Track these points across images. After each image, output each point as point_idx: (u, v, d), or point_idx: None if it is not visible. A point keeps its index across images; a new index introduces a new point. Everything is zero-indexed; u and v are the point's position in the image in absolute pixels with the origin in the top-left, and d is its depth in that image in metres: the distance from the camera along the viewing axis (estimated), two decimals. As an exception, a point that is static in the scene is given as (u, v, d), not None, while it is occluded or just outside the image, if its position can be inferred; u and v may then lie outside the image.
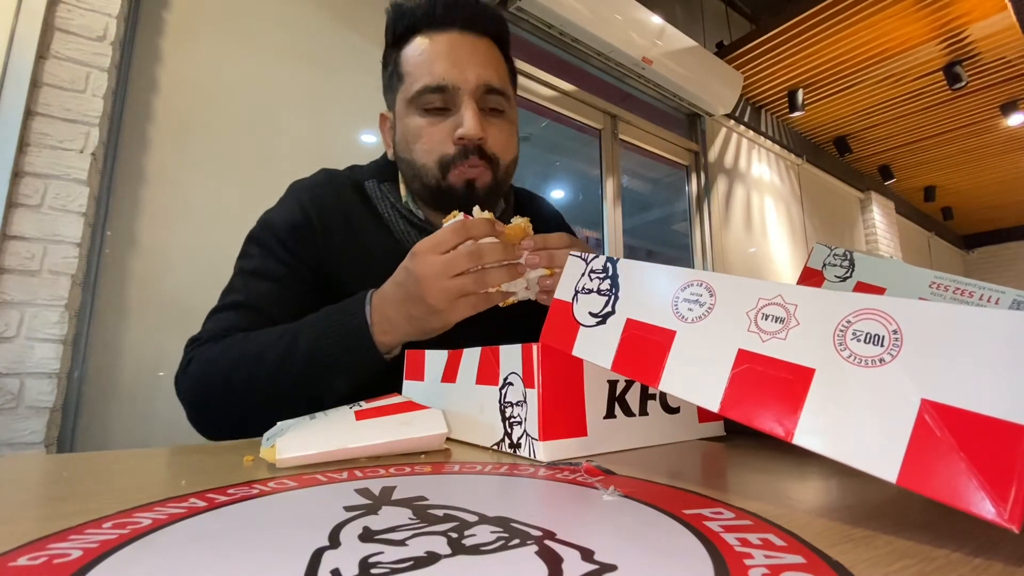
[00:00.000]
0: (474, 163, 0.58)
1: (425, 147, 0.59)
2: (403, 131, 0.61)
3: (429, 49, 0.58)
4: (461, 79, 0.57)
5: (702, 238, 2.99)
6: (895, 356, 0.22)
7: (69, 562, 0.18)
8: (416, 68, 0.59)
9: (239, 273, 0.62)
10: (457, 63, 0.57)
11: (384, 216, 0.66)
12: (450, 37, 0.59)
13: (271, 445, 0.34)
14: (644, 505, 0.25)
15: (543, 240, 0.50)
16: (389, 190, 0.67)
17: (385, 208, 0.66)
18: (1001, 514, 0.18)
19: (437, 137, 0.58)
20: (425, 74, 0.58)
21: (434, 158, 0.59)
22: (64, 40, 1.15)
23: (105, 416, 1.17)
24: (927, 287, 0.54)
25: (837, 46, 2.83)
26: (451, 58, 0.57)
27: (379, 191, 0.67)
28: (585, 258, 0.39)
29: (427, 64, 0.58)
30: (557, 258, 0.49)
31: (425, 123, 0.59)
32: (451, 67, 0.57)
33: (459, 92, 0.58)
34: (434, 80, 0.57)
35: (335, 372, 0.51)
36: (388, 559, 0.18)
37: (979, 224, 6.00)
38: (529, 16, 2.19)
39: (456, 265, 0.46)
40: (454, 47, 0.58)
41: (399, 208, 0.66)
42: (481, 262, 0.47)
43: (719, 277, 0.30)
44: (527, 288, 0.51)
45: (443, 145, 0.58)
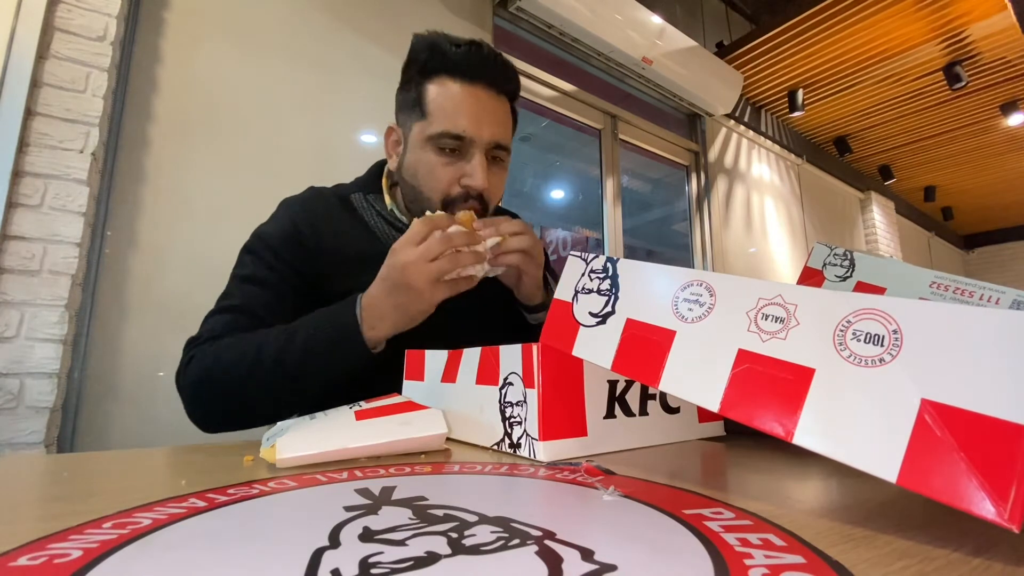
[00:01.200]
0: (472, 206, 0.66)
1: (432, 184, 0.66)
2: (415, 160, 0.67)
3: (455, 98, 0.65)
4: (478, 134, 0.64)
5: (702, 238, 2.99)
6: (895, 356, 0.22)
7: (69, 562, 0.18)
8: (440, 111, 0.65)
9: (234, 279, 0.67)
10: (477, 119, 0.64)
11: (370, 223, 0.72)
12: (475, 92, 0.65)
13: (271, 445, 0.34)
14: (644, 505, 0.25)
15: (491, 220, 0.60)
16: (374, 200, 0.74)
17: (371, 216, 0.73)
18: (1001, 514, 0.18)
19: (446, 178, 0.66)
20: (447, 121, 0.64)
21: (438, 196, 0.66)
22: (64, 40, 1.15)
23: (105, 416, 1.17)
24: (927, 287, 0.54)
25: (837, 46, 2.83)
26: (473, 113, 0.64)
27: (365, 202, 0.74)
28: (585, 258, 0.39)
29: (451, 112, 0.64)
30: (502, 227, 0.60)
31: (438, 162, 0.65)
32: (471, 122, 0.64)
33: (473, 144, 0.65)
34: (455, 129, 0.64)
35: (327, 365, 0.57)
36: (388, 559, 0.18)
37: (979, 224, 6.00)
38: (529, 16, 2.19)
39: (432, 250, 0.54)
40: (477, 103, 0.65)
41: (384, 215, 0.73)
42: (451, 246, 0.55)
43: (719, 277, 0.30)
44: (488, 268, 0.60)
45: (450, 186, 0.66)
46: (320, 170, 1.55)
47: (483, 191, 0.66)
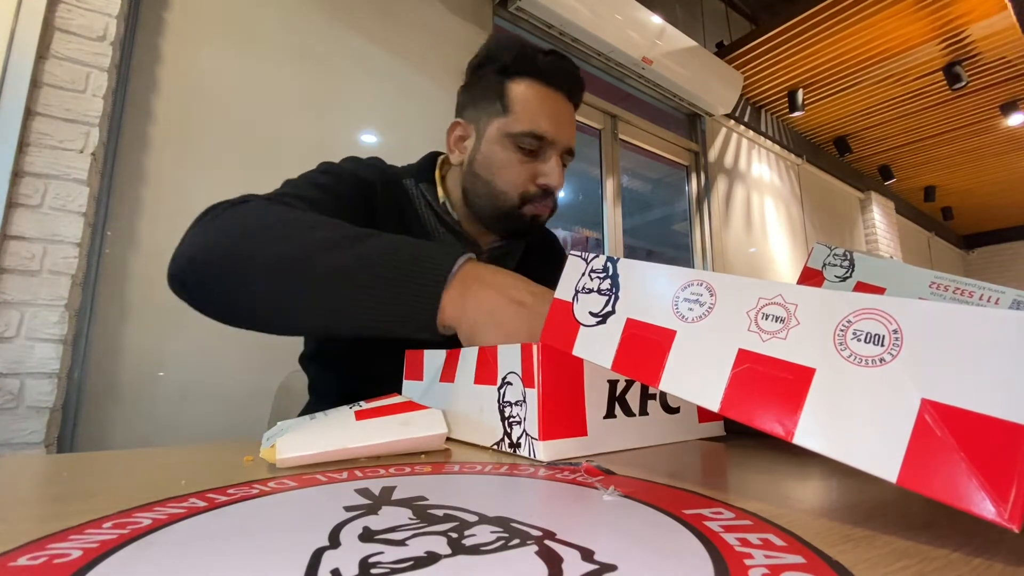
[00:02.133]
0: (545, 204, 0.71)
1: (511, 179, 0.69)
2: (490, 154, 0.70)
3: (540, 100, 0.68)
4: (558, 138, 0.69)
5: (702, 238, 2.99)
6: (895, 356, 0.22)
7: (69, 562, 0.18)
8: (525, 111, 0.68)
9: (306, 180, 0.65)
10: (559, 123, 0.69)
11: (419, 212, 0.74)
12: (558, 99, 0.70)
13: (271, 445, 0.34)
14: (644, 505, 0.25)
15: None
16: (426, 189, 0.74)
17: (420, 205, 0.74)
18: (1001, 514, 0.18)
19: (525, 175, 0.69)
20: (532, 121, 0.67)
21: (517, 191, 0.69)
22: (64, 40, 1.15)
23: (105, 416, 1.17)
24: (927, 287, 0.54)
25: (837, 46, 2.83)
26: (556, 118, 0.69)
27: (416, 189, 0.74)
28: (585, 258, 0.39)
29: (536, 114, 0.68)
30: None
31: (517, 159, 0.68)
32: (554, 125, 0.68)
33: (552, 147, 0.69)
34: (539, 130, 0.67)
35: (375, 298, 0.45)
36: (388, 559, 0.18)
37: (979, 224, 6.00)
38: (529, 16, 2.19)
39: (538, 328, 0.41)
40: (559, 108, 0.70)
41: (434, 207, 0.73)
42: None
43: (719, 277, 0.30)
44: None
45: (527, 184, 0.69)
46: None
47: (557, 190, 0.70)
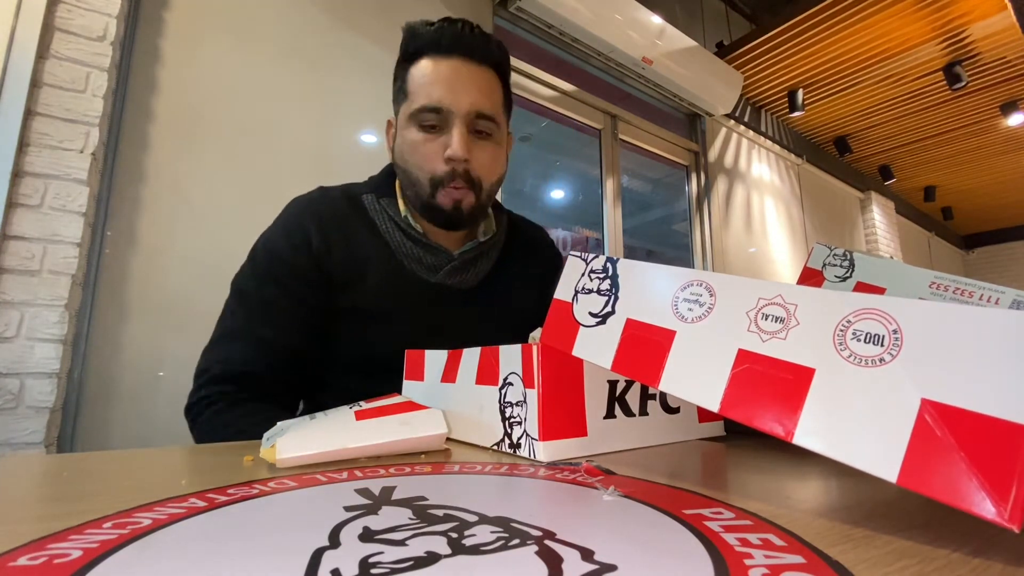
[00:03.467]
0: (458, 185, 0.65)
1: (419, 162, 0.66)
2: (401, 142, 0.68)
3: (432, 73, 0.65)
4: (455, 104, 0.64)
5: (702, 238, 2.99)
6: (895, 356, 0.22)
7: (69, 562, 0.18)
8: (419, 88, 0.65)
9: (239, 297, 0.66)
10: (453, 89, 0.64)
11: (381, 228, 0.70)
12: (452, 64, 0.65)
13: (271, 445, 0.34)
14: (644, 505, 0.25)
15: None
16: (387, 205, 0.71)
17: (383, 221, 0.70)
18: (1001, 514, 0.18)
19: (429, 153, 0.65)
20: (425, 95, 0.64)
21: (426, 175, 0.65)
22: (64, 40, 1.15)
23: (105, 416, 1.17)
24: (927, 287, 0.54)
25: (837, 46, 2.83)
26: (449, 83, 0.64)
27: (378, 205, 0.71)
28: (585, 258, 0.39)
29: (428, 86, 0.64)
30: None
31: (421, 138, 0.65)
32: (447, 92, 0.64)
33: (452, 115, 0.64)
34: (431, 101, 0.64)
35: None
36: (388, 559, 0.18)
37: (979, 224, 6.00)
38: (529, 16, 2.19)
39: None
40: (454, 73, 0.65)
41: (397, 221, 0.70)
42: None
43: (719, 277, 0.30)
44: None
45: (434, 162, 0.65)
46: (320, 170, 1.55)
47: (466, 162, 0.64)
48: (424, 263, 0.69)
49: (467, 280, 0.72)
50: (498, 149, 0.70)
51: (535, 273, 0.81)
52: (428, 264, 0.69)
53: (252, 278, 0.66)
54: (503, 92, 0.71)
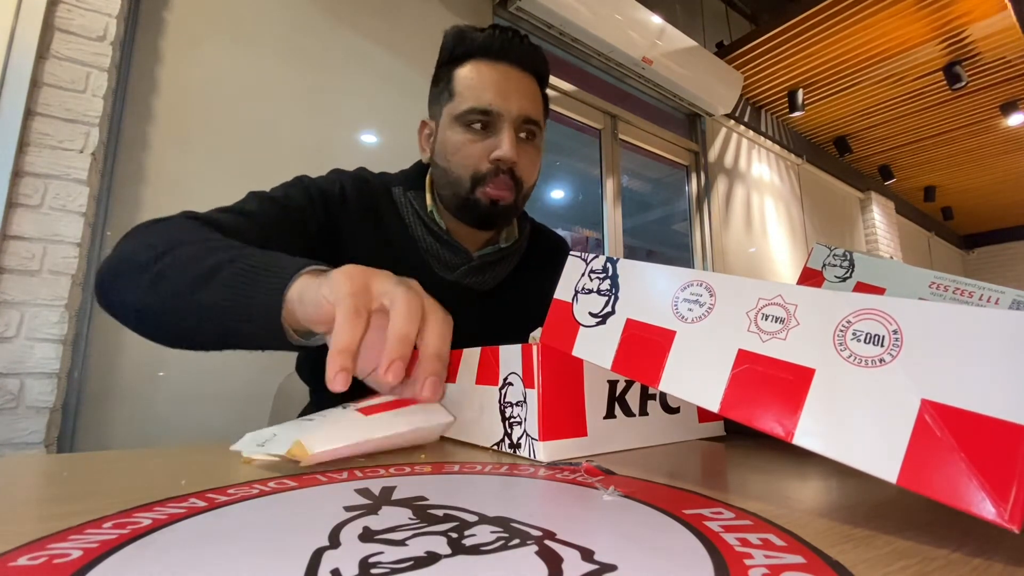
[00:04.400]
0: (502, 183, 0.65)
1: (462, 160, 0.66)
2: (443, 141, 0.68)
3: (482, 76, 0.66)
4: (505, 108, 0.65)
5: (702, 238, 2.99)
6: (895, 356, 0.22)
7: (69, 562, 0.18)
8: (467, 90, 0.66)
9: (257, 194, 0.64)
10: (504, 93, 0.65)
11: (406, 220, 0.71)
12: (501, 69, 0.66)
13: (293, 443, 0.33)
14: (644, 505, 0.25)
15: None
16: (414, 198, 0.72)
17: (408, 213, 0.71)
18: (1001, 514, 0.18)
19: (475, 153, 0.65)
20: (474, 97, 0.65)
21: (469, 172, 0.66)
22: (64, 40, 1.15)
23: (105, 416, 1.17)
24: (927, 287, 0.54)
25: (837, 46, 2.83)
26: (500, 88, 0.65)
27: (404, 198, 0.72)
28: (585, 258, 0.39)
29: (478, 89, 0.65)
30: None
31: (466, 139, 0.65)
32: (498, 96, 0.65)
33: (501, 118, 0.65)
34: (481, 104, 0.64)
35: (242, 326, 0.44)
36: (388, 559, 0.18)
37: (979, 224, 6.00)
38: (529, 16, 2.19)
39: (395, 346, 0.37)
40: (504, 79, 0.66)
41: (422, 216, 0.70)
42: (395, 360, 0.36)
43: (719, 277, 0.30)
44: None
45: (479, 162, 0.65)
46: (320, 170, 1.54)
47: (513, 163, 0.65)
48: (441, 259, 0.70)
49: (484, 283, 0.73)
50: (538, 154, 0.71)
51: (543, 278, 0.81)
52: (445, 261, 0.70)
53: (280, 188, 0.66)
54: (544, 101, 0.73)
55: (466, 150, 0.65)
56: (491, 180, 0.65)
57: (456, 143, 0.66)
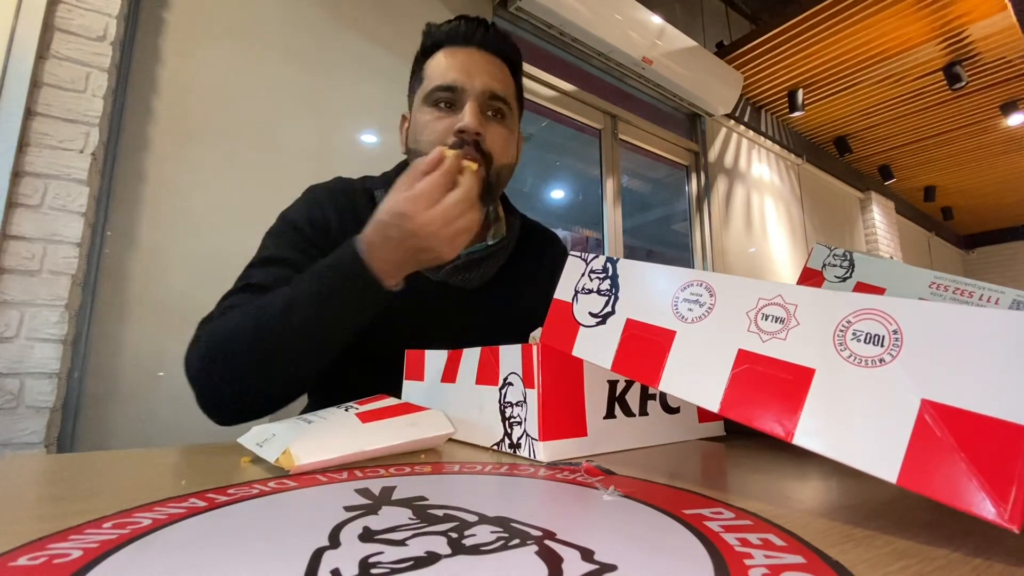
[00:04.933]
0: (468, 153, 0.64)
1: (429, 137, 0.66)
2: (414, 124, 0.70)
3: (448, 59, 0.68)
4: (468, 83, 0.66)
5: (702, 238, 2.99)
6: (895, 356, 0.22)
7: (69, 562, 0.18)
8: (433, 72, 0.68)
9: (253, 263, 0.65)
10: (467, 70, 0.67)
11: None
12: (467, 51, 0.69)
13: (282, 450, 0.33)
14: (644, 505, 0.25)
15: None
16: None
17: None
18: (1001, 514, 0.18)
19: (441, 129, 0.66)
20: (439, 76, 0.67)
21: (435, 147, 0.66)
22: (64, 40, 1.15)
23: (105, 416, 1.17)
24: (927, 287, 0.54)
25: (837, 46, 2.83)
26: (464, 66, 0.67)
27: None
28: (585, 258, 0.39)
29: (443, 70, 0.67)
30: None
31: (433, 117, 0.67)
32: (461, 72, 0.66)
33: (465, 93, 0.66)
34: (445, 81, 0.66)
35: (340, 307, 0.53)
36: (388, 559, 0.18)
37: (979, 224, 6.00)
38: (529, 16, 2.19)
39: (453, 214, 0.52)
40: (469, 59, 0.68)
41: None
42: (471, 202, 0.53)
43: (719, 277, 0.30)
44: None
45: (444, 136, 0.65)
46: (320, 170, 1.53)
47: (477, 134, 0.65)
48: None
49: (470, 280, 0.72)
50: (510, 134, 0.71)
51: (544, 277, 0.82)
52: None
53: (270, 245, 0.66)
54: (516, 86, 0.73)
55: (432, 127, 0.66)
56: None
57: (423, 122, 0.67)
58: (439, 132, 0.65)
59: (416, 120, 0.69)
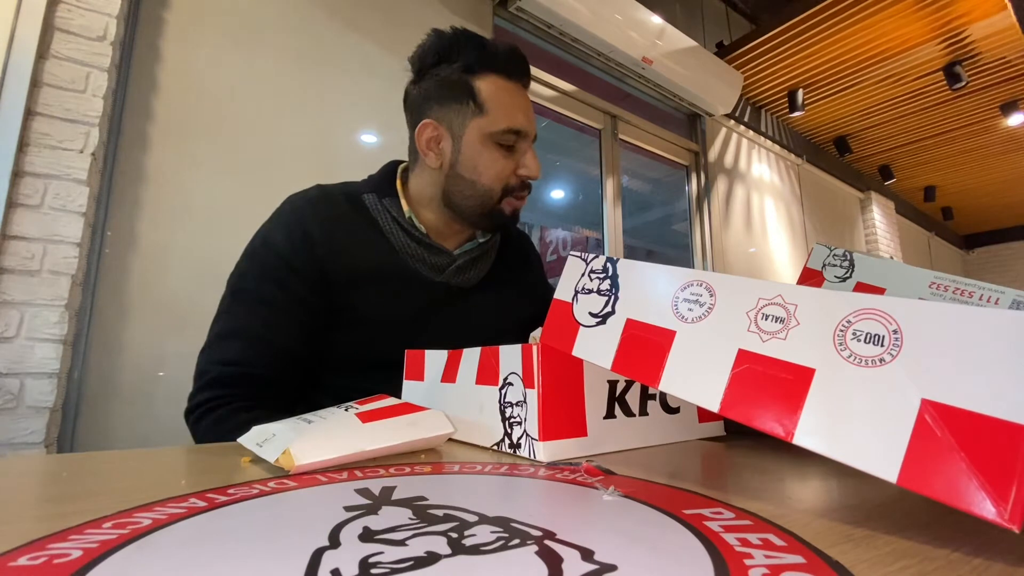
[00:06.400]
0: (523, 196, 0.74)
1: (496, 175, 0.70)
2: (474, 155, 0.70)
3: (512, 97, 0.71)
4: (530, 129, 0.72)
5: (702, 238, 2.99)
6: (895, 356, 0.22)
7: (69, 562, 0.18)
8: (501, 108, 0.69)
9: (237, 296, 0.65)
10: (528, 115, 0.72)
11: (384, 228, 0.71)
12: (520, 90, 0.72)
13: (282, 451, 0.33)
14: (644, 505, 0.25)
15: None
16: (390, 205, 0.72)
17: (386, 221, 0.71)
18: (1001, 514, 0.18)
19: (508, 170, 0.71)
20: (510, 118, 0.70)
21: (500, 185, 0.71)
22: (64, 40, 1.15)
23: (105, 416, 1.17)
24: (927, 287, 0.54)
25: (837, 46, 2.83)
26: (526, 111, 0.72)
27: (380, 205, 0.72)
28: (585, 258, 0.39)
29: (511, 109, 0.70)
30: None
31: (500, 155, 0.70)
32: (527, 119, 0.71)
33: (527, 139, 0.72)
34: (517, 126, 0.70)
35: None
36: (388, 559, 0.18)
37: (979, 224, 6.00)
38: (529, 16, 2.19)
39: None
40: (525, 100, 0.73)
41: (401, 222, 0.71)
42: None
43: (719, 277, 0.30)
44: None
45: (509, 177, 0.71)
46: (320, 170, 1.55)
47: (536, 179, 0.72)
48: (428, 263, 0.71)
49: (470, 279, 0.74)
50: None
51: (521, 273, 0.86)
52: (432, 264, 0.71)
53: (250, 277, 0.65)
54: None
55: (500, 165, 0.70)
56: (517, 193, 0.72)
57: (489, 160, 0.70)
58: (506, 173, 0.71)
59: (479, 153, 0.70)
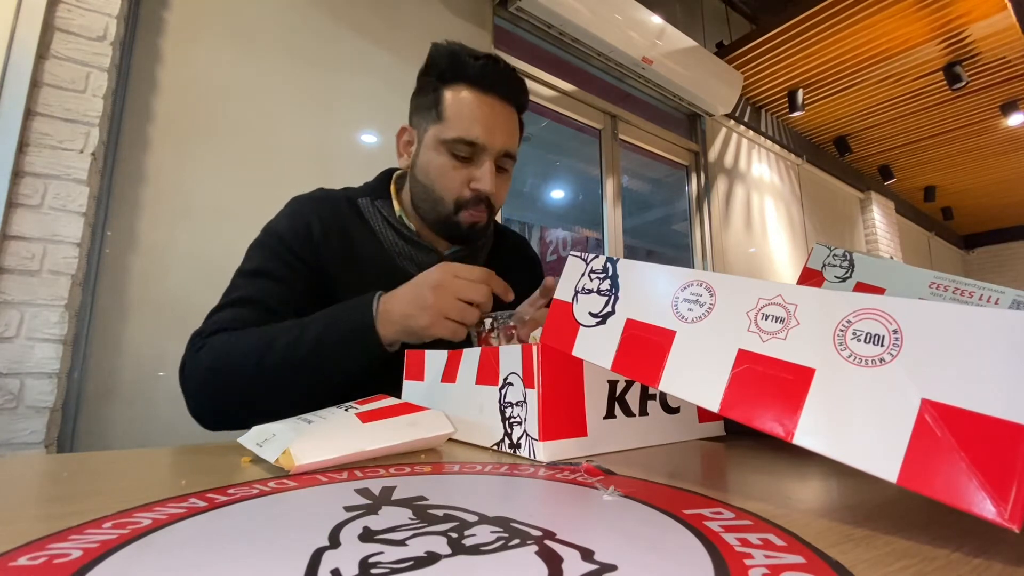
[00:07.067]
0: (480, 209, 0.71)
1: (446, 184, 0.70)
2: (428, 161, 0.71)
3: (472, 106, 0.69)
4: (489, 142, 0.69)
5: (702, 238, 2.99)
6: (895, 356, 0.22)
7: (69, 562, 0.18)
8: (457, 117, 0.68)
9: (240, 274, 0.67)
10: (490, 128, 0.69)
11: (376, 229, 0.74)
12: (491, 102, 0.70)
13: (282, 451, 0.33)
14: (644, 505, 0.25)
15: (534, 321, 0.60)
16: (382, 206, 0.75)
17: (377, 222, 0.74)
18: (1001, 514, 0.18)
19: (457, 180, 0.69)
20: (463, 128, 0.68)
21: (452, 196, 0.70)
22: (64, 40, 1.15)
23: (105, 416, 1.17)
24: (927, 287, 0.54)
25: (837, 46, 2.83)
26: (487, 122, 0.69)
27: (372, 207, 0.75)
28: (585, 258, 0.39)
29: (468, 119, 0.68)
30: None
31: (450, 165, 0.69)
32: (484, 130, 0.68)
33: (484, 151, 0.69)
34: (469, 136, 0.68)
35: (339, 359, 0.57)
36: (388, 559, 0.18)
37: (979, 224, 6.00)
38: (529, 16, 2.19)
39: (468, 292, 0.55)
40: (492, 112, 0.69)
41: (391, 221, 0.74)
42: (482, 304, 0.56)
43: (719, 277, 0.30)
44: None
45: (461, 188, 0.70)
46: (320, 170, 1.55)
47: (490, 195, 0.70)
48: (415, 261, 0.73)
49: None
50: (509, 180, 0.76)
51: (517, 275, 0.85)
52: (419, 262, 0.72)
53: (255, 257, 0.67)
54: (521, 129, 0.77)
55: (449, 175, 0.69)
56: (471, 207, 0.70)
57: (440, 167, 0.69)
58: (456, 184, 0.69)
59: (431, 159, 0.70)
